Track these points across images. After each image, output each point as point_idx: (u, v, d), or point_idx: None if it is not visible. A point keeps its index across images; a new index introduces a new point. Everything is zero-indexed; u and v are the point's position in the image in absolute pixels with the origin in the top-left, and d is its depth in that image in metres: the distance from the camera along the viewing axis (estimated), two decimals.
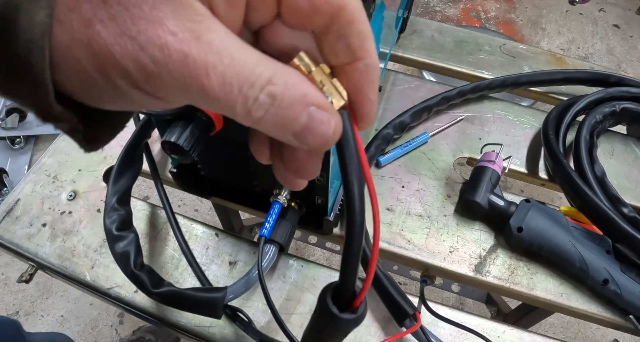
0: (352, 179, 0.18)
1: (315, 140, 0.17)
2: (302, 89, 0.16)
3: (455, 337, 0.44)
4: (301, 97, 0.16)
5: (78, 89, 0.16)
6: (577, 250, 0.45)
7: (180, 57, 0.14)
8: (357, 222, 0.18)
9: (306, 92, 0.16)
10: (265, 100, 0.15)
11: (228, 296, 0.40)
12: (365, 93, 0.18)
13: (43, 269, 0.48)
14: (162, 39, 0.14)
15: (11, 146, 1.47)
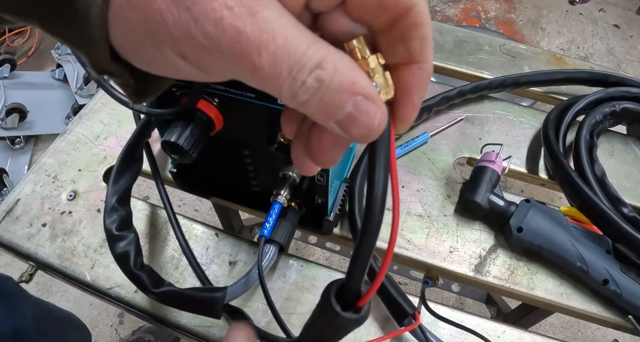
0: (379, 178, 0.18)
1: (359, 130, 0.16)
2: (351, 76, 0.15)
3: (455, 338, 0.44)
4: (349, 85, 0.15)
5: (127, 50, 0.16)
6: (577, 250, 0.45)
7: (233, 33, 0.14)
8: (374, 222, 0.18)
9: (355, 80, 0.15)
10: (313, 84, 0.15)
11: (228, 296, 0.40)
12: (412, 96, 0.18)
13: (43, 269, 0.48)
14: (217, 13, 0.14)
15: (11, 146, 1.47)
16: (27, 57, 1.82)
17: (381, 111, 0.16)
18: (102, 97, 0.60)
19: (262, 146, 0.38)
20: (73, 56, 1.42)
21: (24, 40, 1.87)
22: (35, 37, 1.87)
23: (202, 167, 0.47)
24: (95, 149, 0.55)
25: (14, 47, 1.85)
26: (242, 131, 0.38)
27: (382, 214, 0.18)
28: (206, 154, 0.41)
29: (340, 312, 0.20)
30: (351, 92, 0.15)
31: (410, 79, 0.18)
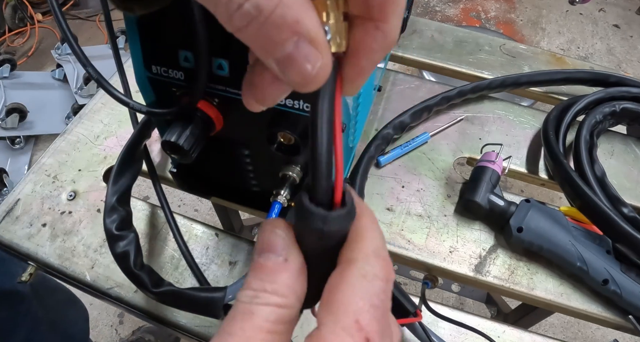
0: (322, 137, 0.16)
1: (296, 75, 0.15)
2: (297, 14, 0.14)
3: (455, 338, 0.44)
4: (292, 22, 0.14)
5: None
6: (577, 250, 0.45)
7: None
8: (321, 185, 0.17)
9: (301, 19, 0.14)
10: (250, 11, 0.14)
11: (228, 295, 0.40)
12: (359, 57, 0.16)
13: (43, 269, 0.48)
14: None
15: (11, 146, 1.47)
16: (27, 57, 1.82)
17: (323, 60, 0.15)
18: (102, 97, 0.60)
19: (262, 146, 0.38)
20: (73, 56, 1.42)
21: (24, 40, 1.87)
22: (35, 37, 1.87)
23: (202, 167, 0.47)
24: (95, 149, 0.55)
25: (14, 47, 1.85)
26: (242, 131, 0.38)
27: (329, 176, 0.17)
28: (206, 154, 0.41)
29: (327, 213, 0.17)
30: (293, 31, 0.14)
31: (361, 37, 0.16)
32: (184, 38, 0.32)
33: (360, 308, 0.16)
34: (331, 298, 0.17)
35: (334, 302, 0.16)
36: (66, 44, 1.14)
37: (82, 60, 0.30)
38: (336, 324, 0.16)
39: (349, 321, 0.16)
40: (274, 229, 0.18)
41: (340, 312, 0.16)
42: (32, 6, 1.89)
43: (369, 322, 0.16)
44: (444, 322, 0.44)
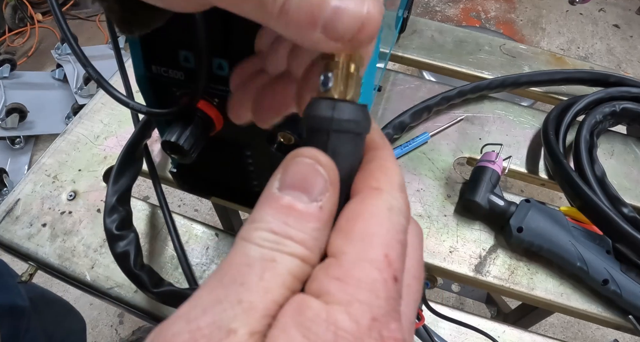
0: None
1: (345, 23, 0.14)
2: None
3: (455, 338, 0.44)
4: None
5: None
6: (577, 250, 0.45)
7: None
8: None
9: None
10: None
11: None
12: None
13: (43, 269, 0.48)
14: None
15: (11, 146, 1.47)
16: (27, 57, 1.82)
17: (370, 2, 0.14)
18: (102, 97, 0.60)
19: (262, 146, 0.38)
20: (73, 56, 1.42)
21: (24, 40, 1.87)
22: (35, 37, 1.87)
23: (203, 167, 0.47)
24: (95, 149, 0.55)
25: (14, 47, 1.85)
26: (242, 131, 0.38)
27: None
28: (206, 154, 0.41)
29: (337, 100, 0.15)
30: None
31: None
32: (184, 38, 0.32)
33: (388, 242, 0.14)
34: (353, 227, 0.14)
35: (357, 231, 0.14)
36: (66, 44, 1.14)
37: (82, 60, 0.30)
38: (361, 255, 0.14)
39: (377, 254, 0.14)
40: (316, 165, 0.15)
41: (365, 243, 0.14)
42: (32, 6, 1.89)
43: (396, 259, 0.14)
44: (444, 322, 0.44)
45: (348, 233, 0.14)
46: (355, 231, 0.14)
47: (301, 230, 0.14)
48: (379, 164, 0.16)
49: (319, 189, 0.14)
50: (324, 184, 0.14)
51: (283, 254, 0.13)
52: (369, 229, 0.14)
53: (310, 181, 0.14)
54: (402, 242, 0.15)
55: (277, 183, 0.15)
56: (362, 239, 0.14)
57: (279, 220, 0.14)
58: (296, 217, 0.14)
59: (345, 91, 0.15)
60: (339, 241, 0.14)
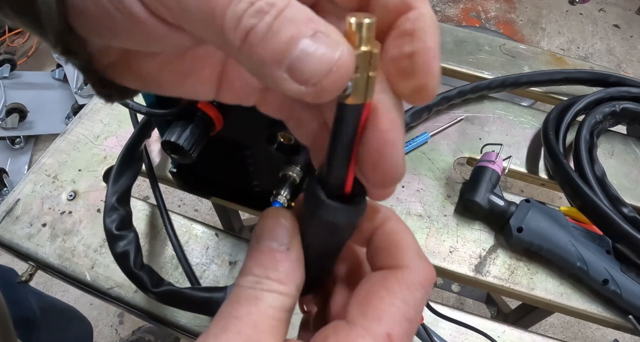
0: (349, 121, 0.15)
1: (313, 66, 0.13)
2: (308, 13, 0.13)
3: (455, 338, 0.44)
4: (306, 18, 0.13)
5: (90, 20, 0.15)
6: (577, 250, 0.45)
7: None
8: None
9: (313, 17, 0.13)
10: (263, 6, 0.13)
11: (228, 295, 0.40)
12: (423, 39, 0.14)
13: (43, 269, 0.48)
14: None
15: (11, 146, 1.47)
16: (27, 57, 1.82)
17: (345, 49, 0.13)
18: None
19: (262, 146, 0.38)
20: None
21: (24, 40, 1.87)
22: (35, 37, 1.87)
23: (202, 167, 0.47)
24: (95, 149, 0.55)
25: (14, 47, 1.85)
26: (242, 131, 0.38)
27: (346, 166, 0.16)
28: (206, 154, 0.41)
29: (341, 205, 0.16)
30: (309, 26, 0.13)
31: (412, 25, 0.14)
32: None
33: (395, 320, 0.16)
34: (369, 301, 0.16)
35: (371, 306, 0.16)
36: None
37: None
38: (367, 330, 0.16)
39: (381, 331, 0.16)
40: (279, 218, 0.18)
41: (374, 319, 0.16)
42: None
43: (399, 337, 0.16)
44: (444, 322, 0.44)
45: (364, 306, 0.16)
46: (369, 305, 0.16)
47: (275, 269, 0.17)
48: (392, 239, 0.18)
49: (283, 235, 0.17)
50: (286, 231, 0.17)
51: (263, 291, 0.16)
52: (381, 306, 0.16)
53: (276, 230, 0.17)
54: (411, 319, 0.16)
55: (254, 239, 0.18)
56: (373, 314, 0.16)
57: (258, 264, 0.17)
58: (269, 260, 0.17)
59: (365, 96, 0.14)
60: (354, 310, 0.17)
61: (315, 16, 0.13)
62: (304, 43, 0.13)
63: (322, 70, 0.13)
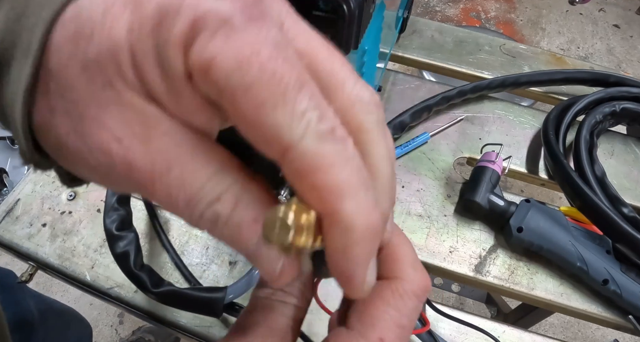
0: None
1: (262, 273, 0.15)
2: (254, 213, 0.14)
3: (455, 338, 0.44)
4: (250, 222, 0.14)
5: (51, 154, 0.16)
6: (577, 250, 0.45)
7: (124, 165, 0.14)
8: None
9: (259, 218, 0.14)
10: (209, 218, 0.14)
11: (228, 295, 0.40)
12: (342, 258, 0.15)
13: (43, 269, 0.48)
14: (105, 145, 0.14)
15: (11, 146, 1.47)
16: None
17: (284, 260, 0.15)
18: None
19: None
20: None
21: None
22: None
23: None
24: None
25: None
26: None
27: None
28: None
29: None
30: (253, 231, 0.14)
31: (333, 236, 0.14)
32: None
33: (389, 327, 0.17)
34: (366, 309, 0.18)
35: (367, 314, 0.18)
36: None
37: None
38: (362, 335, 0.17)
39: (375, 337, 0.17)
40: None
41: (369, 326, 0.17)
42: None
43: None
44: (444, 322, 0.44)
45: (361, 313, 0.18)
46: (365, 313, 0.18)
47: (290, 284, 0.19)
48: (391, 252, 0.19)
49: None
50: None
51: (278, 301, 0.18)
52: (375, 314, 0.17)
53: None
54: (403, 326, 0.18)
55: None
56: (369, 321, 0.17)
57: None
58: None
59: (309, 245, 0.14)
60: (353, 317, 0.18)
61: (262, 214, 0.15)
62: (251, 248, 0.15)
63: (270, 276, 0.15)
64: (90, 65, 0.13)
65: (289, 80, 0.13)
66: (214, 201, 0.14)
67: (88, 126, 0.14)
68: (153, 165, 0.14)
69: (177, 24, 0.13)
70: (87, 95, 0.14)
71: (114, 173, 0.14)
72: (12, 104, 0.14)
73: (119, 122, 0.14)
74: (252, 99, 0.12)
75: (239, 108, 0.13)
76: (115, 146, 0.14)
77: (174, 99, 0.14)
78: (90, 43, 0.13)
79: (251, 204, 0.15)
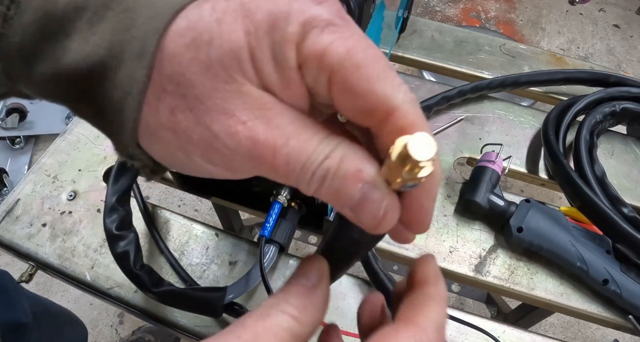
0: None
1: (367, 219, 0.17)
2: (357, 164, 0.16)
3: (455, 338, 0.44)
4: (355, 172, 0.16)
5: (161, 159, 0.18)
6: (577, 250, 0.45)
7: (249, 143, 0.16)
8: None
9: (362, 168, 0.16)
10: (321, 173, 0.16)
11: (228, 295, 0.40)
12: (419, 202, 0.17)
13: (43, 269, 0.48)
14: (232, 128, 0.16)
15: (11, 146, 1.47)
16: None
17: (387, 201, 0.16)
18: None
19: None
20: None
21: None
22: None
23: None
24: (95, 149, 0.55)
25: None
26: None
27: None
28: None
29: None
30: (358, 179, 0.16)
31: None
32: None
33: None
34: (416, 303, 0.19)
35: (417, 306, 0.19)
36: None
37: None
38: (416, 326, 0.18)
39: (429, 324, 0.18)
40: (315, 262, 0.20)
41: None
42: None
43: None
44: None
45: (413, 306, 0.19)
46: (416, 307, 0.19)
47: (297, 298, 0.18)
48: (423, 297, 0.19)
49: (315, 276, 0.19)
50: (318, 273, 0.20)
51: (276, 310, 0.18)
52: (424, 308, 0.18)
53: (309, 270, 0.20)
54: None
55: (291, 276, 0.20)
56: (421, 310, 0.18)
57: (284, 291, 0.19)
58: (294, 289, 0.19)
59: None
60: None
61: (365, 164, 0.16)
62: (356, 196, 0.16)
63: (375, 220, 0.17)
64: (213, 65, 0.16)
65: (384, 60, 0.16)
66: (324, 160, 0.16)
67: (215, 116, 0.16)
68: (274, 139, 0.16)
69: (289, 25, 0.16)
70: (210, 91, 0.16)
71: (237, 154, 0.16)
72: (121, 105, 0.16)
73: (242, 109, 0.16)
74: (363, 74, 0.16)
75: (352, 83, 0.16)
76: (241, 128, 0.16)
77: (285, 86, 0.17)
78: (211, 47, 0.16)
79: (354, 158, 0.16)
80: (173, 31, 0.16)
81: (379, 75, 0.16)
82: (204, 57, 0.16)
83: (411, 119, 0.16)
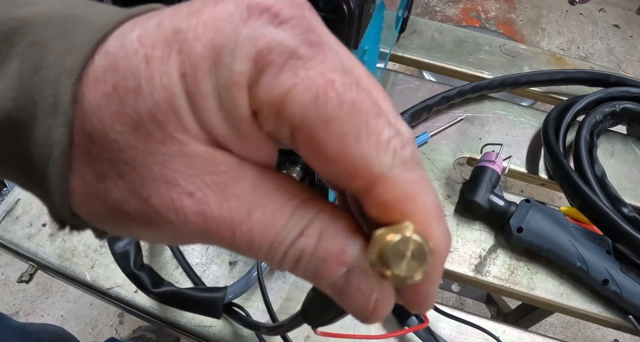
0: None
1: (353, 309, 0.14)
2: (339, 244, 0.13)
3: (455, 338, 0.44)
4: (336, 254, 0.13)
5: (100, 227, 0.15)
6: (577, 250, 0.45)
7: (199, 219, 0.13)
8: None
9: (345, 248, 0.13)
10: (294, 254, 0.13)
11: (228, 295, 0.40)
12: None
13: (43, 269, 0.48)
14: (176, 202, 0.12)
15: None
16: None
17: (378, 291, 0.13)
18: None
19: None
20: None
21: None
22: None
23: None
24: None
25: None
26: None
27: None
28: None
29: None
30: (339, 263, 0.13)
31: None
32: None
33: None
34: None
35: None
36: None
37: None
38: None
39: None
40: None
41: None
42: None
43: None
44: (443, 322, 0.44)
45: None
46: None
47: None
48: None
49: None
50: None
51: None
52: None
53: None
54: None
55: None
56: None
57: None
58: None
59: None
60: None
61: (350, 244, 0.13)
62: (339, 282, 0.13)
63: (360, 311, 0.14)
64: (143, 122, 0.12)
65: (368, 107, 0.12)
66: (297, 237, 0.13)
67: (152, 187, 0.12)
68: (231, 214, 0.13)
69: (237, 61, 0.12)
70: (144, 155, 0.12)
71: (186, 230, 0.13)
72: (43, 172, 0.13)
73: (187, 176, 0.12)
74: (334, 132, 0.12)
75: (319, 142, 0.12)
76: (187, 201, 0.13)
77: (240, 140, 0.13)
78: (138, 97, 0.12)
79: (335, 234, 0.13)
80: (90, 74, 0.12)
81: (359, 130, 0.12)
82: (131, 111, 0.12)
83: (400, 192, 0.12)
